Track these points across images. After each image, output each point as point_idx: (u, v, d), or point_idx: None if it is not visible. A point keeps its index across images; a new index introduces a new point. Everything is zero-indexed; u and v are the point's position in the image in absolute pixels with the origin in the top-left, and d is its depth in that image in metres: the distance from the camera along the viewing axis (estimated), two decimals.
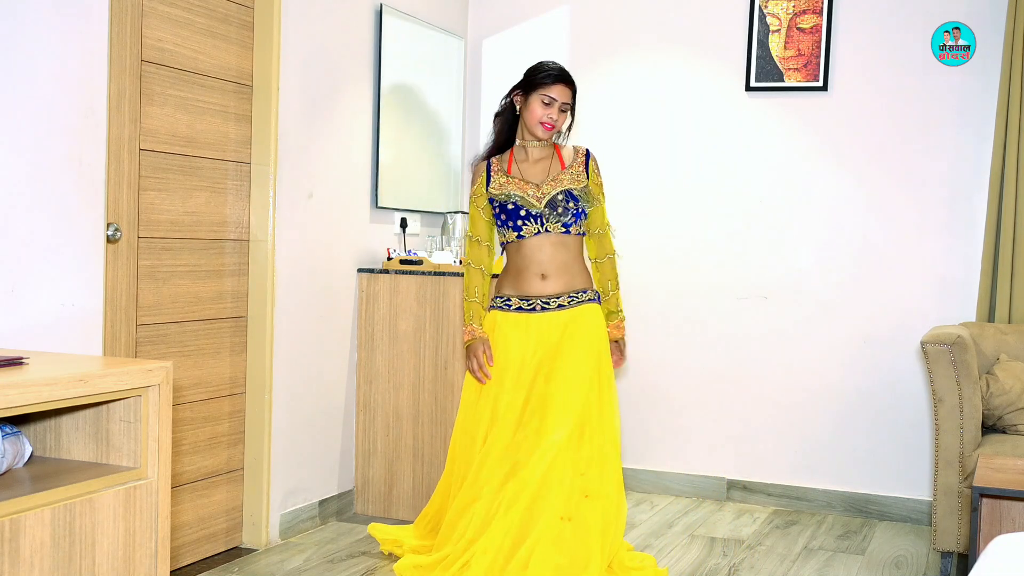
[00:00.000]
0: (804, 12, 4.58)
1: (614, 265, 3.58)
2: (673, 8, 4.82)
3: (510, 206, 3.40)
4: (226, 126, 3.66)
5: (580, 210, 3.44)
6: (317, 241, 4.03)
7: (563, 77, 3.42)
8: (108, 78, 3.03)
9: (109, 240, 3.15)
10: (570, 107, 3.44)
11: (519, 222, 3.39)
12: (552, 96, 3.38)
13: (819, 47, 4.55)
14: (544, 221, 3.39)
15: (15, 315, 2.70)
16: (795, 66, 4.60)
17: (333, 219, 4.13)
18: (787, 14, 4.60)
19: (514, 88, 3.48)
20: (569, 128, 3.52)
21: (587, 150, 3.54)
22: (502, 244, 3.52)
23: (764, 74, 4.65)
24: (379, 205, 4.39)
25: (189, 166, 3.50)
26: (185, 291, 3.51)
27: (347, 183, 4.21)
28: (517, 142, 3.51)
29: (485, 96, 5.13)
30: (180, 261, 3.48)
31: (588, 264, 3.59)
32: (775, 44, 4.63)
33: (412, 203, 4.63)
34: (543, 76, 3.40)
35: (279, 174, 3.81)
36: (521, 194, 3.40)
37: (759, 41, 4.65)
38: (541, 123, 3.39)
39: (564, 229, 3.42)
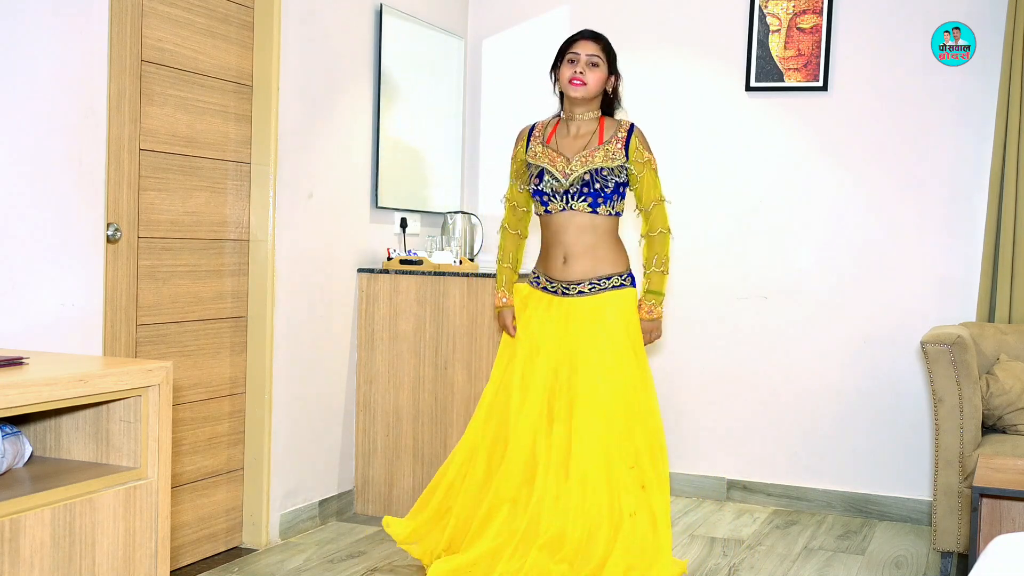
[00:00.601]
0: (804, 12, 4.58)
1: (663, 242, 3.34)
2: (673, 8, 4.82)
3: (538, 178, 3.35)
4: (226, 126, 3.66)
5: (611, 190, 3.30)
6: (317, 241, 4.03)
7: (585, 33, 3.36)
8: (108, 78, 3.03)
9: (109, 240, 3.15)
10: (602, 62, 3.30)
11: (545, 197, 3.35)
12: (575, 51, 3.30)
13: (819, 47, 4.55)
14: (570, 199, 3.30)
15: (15, 315, 2.70)
16: (795, 66, 4.60)
17: (333, 219, 4.13)
18: (787, 14, 4.60)
19: (552, 68, 3.43)
20: (616, 92, 3.39)
21: (632, 124, 3.36)
22: (536, 213, 3.48)
23: (764, 74, 4.65)
24: (379, 205, 4.39)
25: (189, 166, 3.50)
26: (185, 291, 3.51)
27: (347, 183, 4.21)
28: (562, 115, 3.43)
29: (485, 96, 5.13)
30: (180, 261, 3.49)
31: (640, 241, 3.42)
32: (775, 44, 4.63)
33: (412, 203, 4.63)
34: (568, 39, 3.37)
35: (279, 174, 3.81)
36: (550, 167, 3.32)
37: (759, 41, 4.65)
38: (570, 82, 3.28)
39: (591, 209, 3.29)
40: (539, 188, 3.35)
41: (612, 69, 3.35)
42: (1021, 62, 4.15)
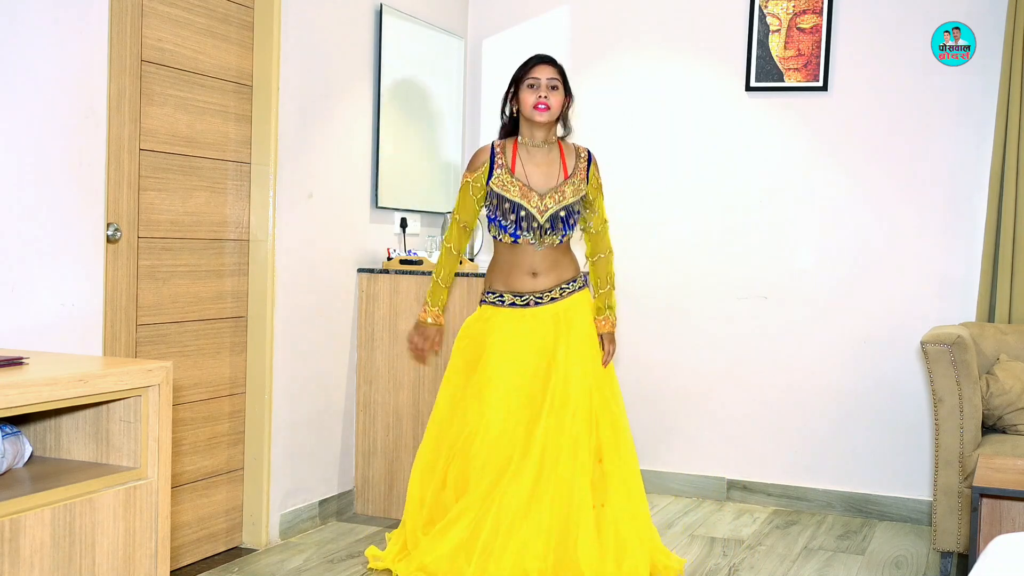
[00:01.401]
0: (804, 12, 4.58)
1: (610, 263, 3.58)
2: (673, 8, 4.82)
3: (514, 213, 3.37)
4: (226, 126, 3.66)
5: (575, 221, 3.47)
6: (317, 241, 4.03)
7: (542, 58, 3.42)
8: (108, 78, 3.03)
9: (109, 240, 3.15)
10: (560, 84, 3.38)
11: (518, 230, 3.38)
12: (535, 76, 3.37)
13: (819, 47, 4.55)
14: (543, 234, 3.39)
15: (15, 315, 2.70)
16: (795, 66, 4.60)
17: (333, 219, 4.13)
18: (787, 14, 4.60)
19: (506, 95, 3.47)
20: (565, 113, 3.47)
21: (588, 152, 3.51)
22: (494, 236, 3.49)
23: (764, 74, 4.65)
24: (379, 205, 4.39)
25: (189, 166, 3.50)
26: (185, 291, 3.51)
27: (347, 183, 4.21)
28: (520, 138, 3.46)
29: (485, 96, 5.13)
30: (180, 261, 3.49)
31: (584, 261, 3.63)
32: (775, 44, 4.63)
33: (412, 203, 4.63)
34: (522, 65, 3.43)
35: (279, 174, 3.81)
36: (524, 204, 3.36)
37: (759, 41, 4.65)
38: (535, 107, 3.34)
39: (559, 240, 3.44)
40: (510, 223, 3.38)
41: (568, 91, 3.45)
42: (1021, 62, 4.15)
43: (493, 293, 3.48)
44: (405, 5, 4.55)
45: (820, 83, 4.56)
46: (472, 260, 4.60)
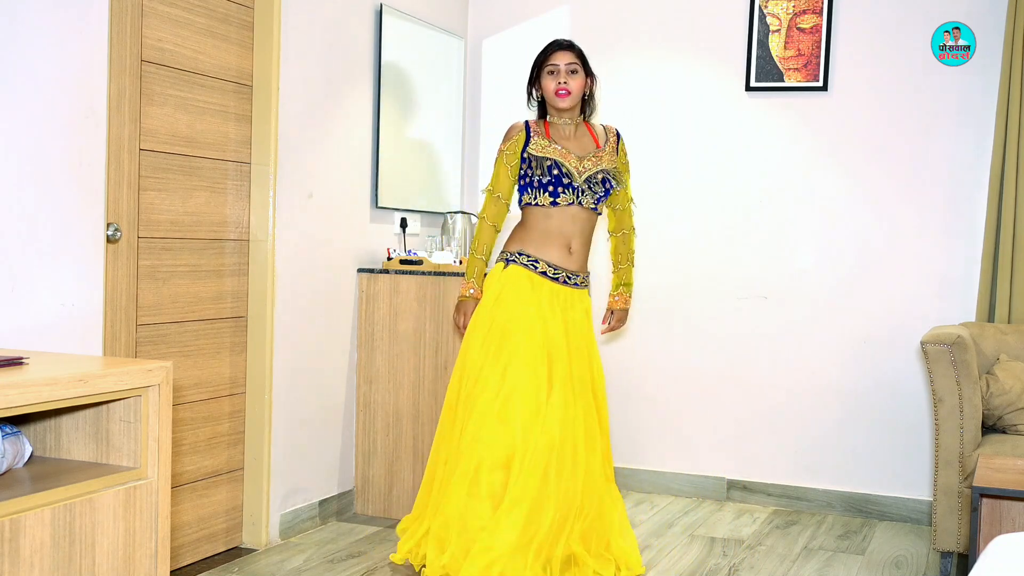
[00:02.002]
0: (804, 12, 4.58)
1: (631, 240, 3.68)
2: (673, 8, 4.82)
3: (554, 171, 3.39)
4: (226, 126, 3.66)
5: (609, 190, 3.49)
6: (317, 241, 4.03)
7: (559, 44, 3.45)
8: (108, 78, 3.03)
9: (109, 240, 3.15)
10: (580, 68, 3.44)
11: (558, 188, 3.40)
12: (554, 63, 3.42)
13: (819, 47, 4.55)
14: (580, 195, 3.41)
15: (15, 315, 2.70)
16: (795, 66, 4.60)
17: (333, 219, 4.13)
18: (787, 14, 4.60)
19: (529, 80, 3.52)
20: (591, 96, 3.51)
21: (616, 130, 3.60)
22: (527, 204, 3.48)
23: (764, 74, 4.65)
24: (379, 205, 4.39)
25: (189, 166, 3.50)
26: (185, 291, 3.51)
27: (347, 183, 4.22)
28: (549, 118, 3.52)
29: (485, 96, 5.13)
30: (180, 261, 3.49)
31: (605, 238, 3.72)
32: (775, 44, 4.63)
33: (412, 203, 4.63)
34: (542, 52, 3.47)
35: (279, 174, 3.81)
36: (564, 162, 3.40)
37: (759, 41, 4.65)
38: (556, 93, 3.40)
39: (594, 206, 3.46)
40: (551, 180, 3.39)
41: (588, 72, 3.48)
42: (1021, 62, 4.15)
43: (523, 255, 3.44)
44: (405, 5, 4.55)
45: (820, 83, 4.56)
46: None
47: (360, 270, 4.28)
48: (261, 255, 3.79)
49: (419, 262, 4.25)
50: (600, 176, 3.44)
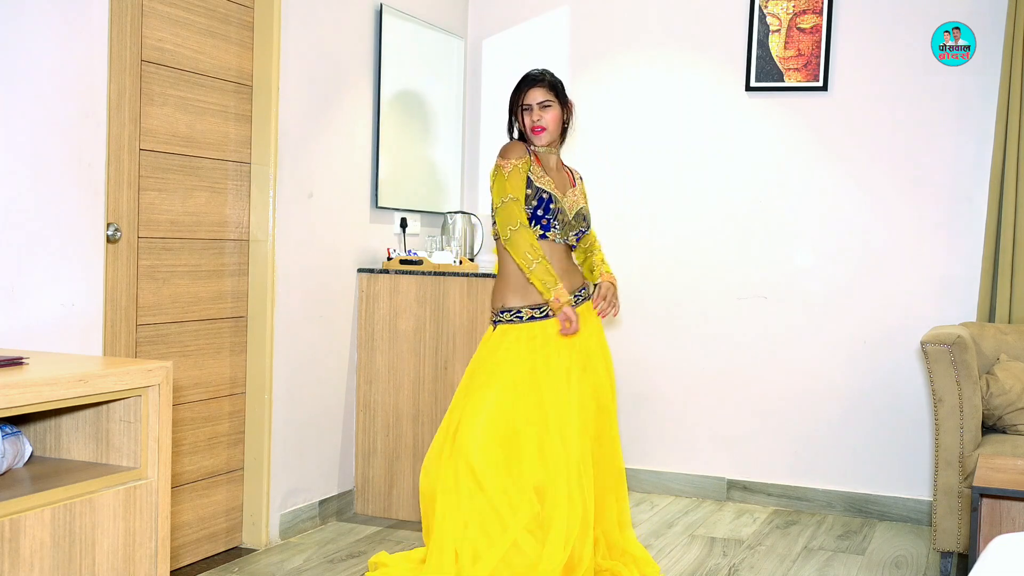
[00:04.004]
0: (804, 12, 4.58)
1: (600, 248, 3.63)
2: (673, 8, 4.82)
3: (551, 205, 3.30)
4: (226, 126, 3.66)
5: (587, 228, 3.48)
6: (317, 241, 4.03)
7: (532, 80, 3.35)
8: (108, 78, 3.03)
9: (109, 240, 3.15)
10: (554, 101, 3.34)
11: (550, 223, 3.31)
12: (527, 103, 3.34)
13: (819, 47, 4.55)
14: (567, 231, 3.37)
15: (15, 315, 2.70)
16: (795, 66, 4.60)
17: (333, 219, 4.13)
18: (787, 14, 4.60)
19: (509, 117, 3.42)
20: (565, 130, 3.42)
21: (579, 173, 3.60)
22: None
23: (764, 74, 4.65)
24: (379, 205, 4.39)
25: (189, 166, 3.50)
26: (185, 291, 3.51)
27: (347, 183, 4.22)
28: (532, 148, 3.40)
29: (485, 96, 5.13)
30: (180, 261, 3.49)
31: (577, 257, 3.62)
32: (775, 44, 4.63)
33: (412, 203, 4.63)
34: (515, 89, 3.38)
35: (279, 174, 3.81)
36: (557, 195, 3.33)
37: (759, 41, 4.65)
38: (532, 131, 3.33)
39: (575, 242, 3.44)
40: (544, 214, 3.30)
41: (563, 101, 3.39)
42: (1021, 62, 4.15)
43: (508, 311, 3.32)
44: (405, 5, 4.55)
45: (820, 83, 4.56)
46: (472, 260, 4.60)
47: (360, 270, 4.28)
48: (261, 255, 3.79)
49: (419, 262, 4.25)
50: (584, 211, 3.43)
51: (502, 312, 3.32)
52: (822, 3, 4.54)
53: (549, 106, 3.34)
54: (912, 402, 4.46)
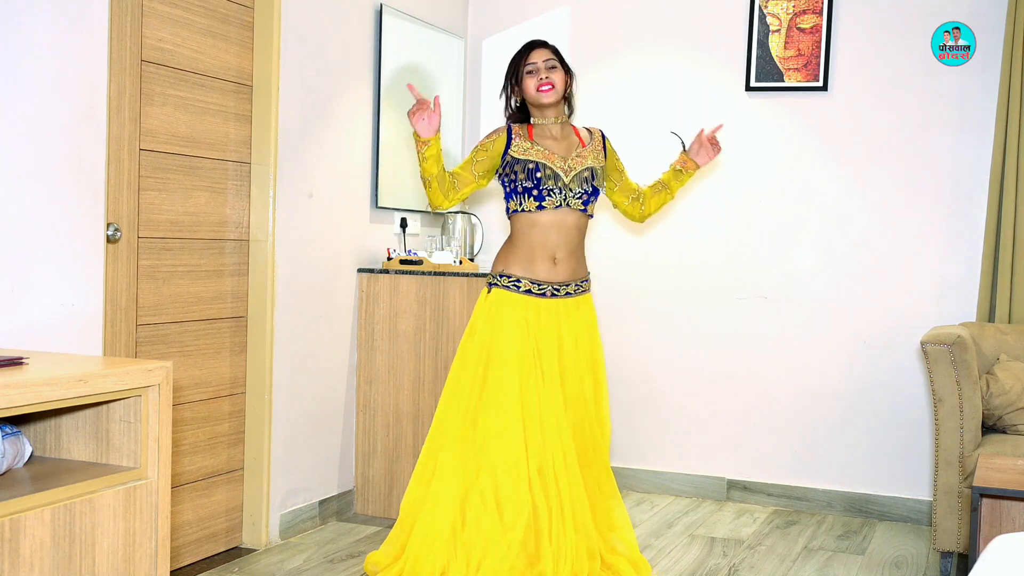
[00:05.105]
0: (804, 12, 4.58)
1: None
2: (673, 8, 4.82)
3: (537, 173, 3.30)
4: (226, 126, 3.66)
5: (597, 188, 3.42)
6: (317, 241, 4.03)
7: (535, 43, 3.39)
8: (108, 78, 3.04)
9: (109, 240, 3.15)
10: (557, 64, 3.36)
11: (543, 191, 3.31)
12: (532, 62, 3.34)
13: (819, 47, 4.55)
14: (568, 195, 3.33)
15: (15, 315, 2.70)
16: (795, 66, 4.60)
17: (333, 219, 4.13)
18: (787, 14, 4.60)
19: (505, 86, 3.42)
20: (570, 93, 3.43)
21: (602, 132, 3.54)
22: (514, 212, 3.37)
23: (764, 74, 4.65)
24: (379, 205, 4.39)
25: (189, 166, 3.50)
26: (185, 291, 3.51)
27: (347, 183, 4.22)
28: (532, 120, 3.42)
29: (485, 96, 5.13)
30: (180, 261, 3.49)
31: (640, 200, 3.62)
32: (775, 44, 4.63)
33: (412, 203, 4.63)
34: (517, 54, 3.40)
35: (279, 174, 3.81)
36: (547, 163, 3.32)
37: (759, 41, 4.65)
38: (539, 90, 3.33)
39: (582, 206, 3.37)
40: (535, 184, 3.31)
41: (567, 68, 3.42)
42: (1021, 62, 4.15)
43: (508, 277, 3.35)
44: (405, 5, 4.55)
45: (820, 83, 4.56)
46: (472, 260, 4.60)
47: (360, 270, 4.28)
48: (261, 255, 3.79)
49: (419, 262, 4.25)
50: (586, 173, 3.36)
51: (500, 276, 3.36)
52: (822, 3, 4.54)
53: (554, 67, 3.37)
54: (912, 402, 4.46)
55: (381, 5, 4.35)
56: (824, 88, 4.56)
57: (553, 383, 3.32)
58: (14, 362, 2.17)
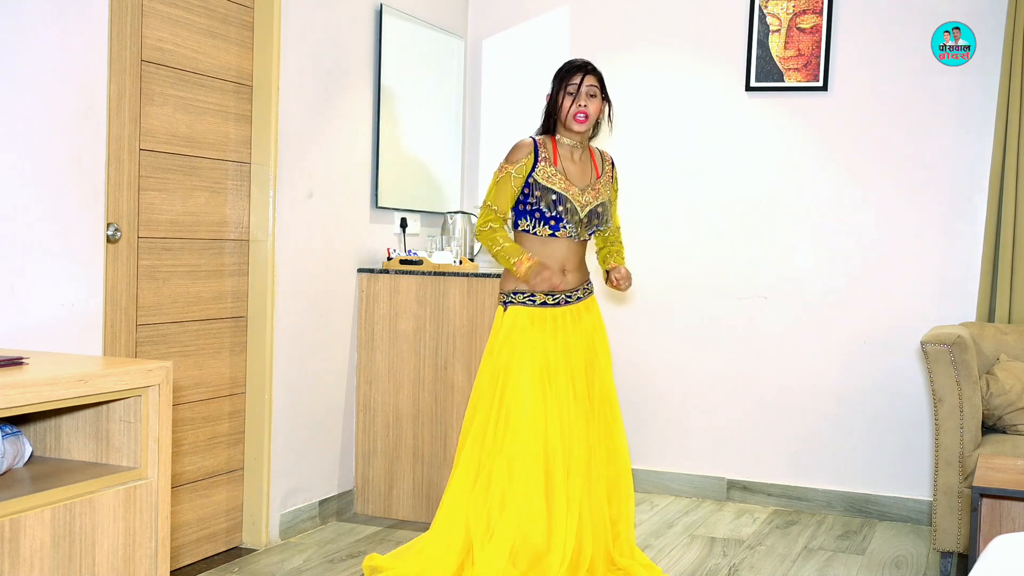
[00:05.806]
0: (804, 12, 4.58)
1: (622, 249, 3.69)
2: (673, 8, 4.82)
3: (559, 207, 3.33)
4: (226, 126, 3.66)
5: (603, 222, 3.46)
6: (317, 241, 4.03)
7: (584, 67, 3.38)
8: (108, 78, 3.04)
9: (109, 240, 3.15)
10: (598, 92, 3.38)
11: (559, 223, 3.34)
12: (574, 82, 3.35)
13: (819, 47, 4.56)
14: (579, 228, 3.38)
15: (15, 315, 2.70)
16: (795, 66, 4.60)
17: (333, 219, 4.13)
18: (787, 14, 4.60)
19: (549, 104, 3.42)
20: (600, 119, 3.44)
21: (612, 158, 3.58)
22: (523, 231, 3.39)
23: (764, 74, 4.65)
24: (379, 205, 4.39)
25: (189, 166, 3.50)
26: (185, 291, 3.51)
27: (347, 183, 4.22)
28: (558, 136, 3.43)
29: (485, 96, 5.13)
30: (180, 261, 3.49)
31: (606, 240, 3.64)
32: (775, 44, 4.63)
33: (412, 203, 4.63)
34: (565, 70, 3.39)
35: (279, 174, 3.81)
36: (568, 196, 3.34)
37: (759, 41, 4.65)
38: (575, 117, 3.34)
39: (589, 236, 3.46)
40: (553, 214, 3.33)
41: (606, 97, 3.43)
42: (1021, 62, 4.15)
43: (522, 293, 3.38)
44: (405, 5, 4.55)
45: (820, 83, 4.56)
46: (472, 260, 4.60)
47: (360, 270, 4.28)
48: (261, 255, 3.79)
49: (419, 262, 4.25)
50: (599, 208, 3.42)
51: (514, 293, 3.39)
52: (822, 3, 4.54)
53: (594, 96, 3.39)
54: (912, 402, 4.46)
55: (381, 5, 4.35)
56: (824, 88, 4.56)
57: (580, 387, 3.37)
58: (14, 362, 2.17)
